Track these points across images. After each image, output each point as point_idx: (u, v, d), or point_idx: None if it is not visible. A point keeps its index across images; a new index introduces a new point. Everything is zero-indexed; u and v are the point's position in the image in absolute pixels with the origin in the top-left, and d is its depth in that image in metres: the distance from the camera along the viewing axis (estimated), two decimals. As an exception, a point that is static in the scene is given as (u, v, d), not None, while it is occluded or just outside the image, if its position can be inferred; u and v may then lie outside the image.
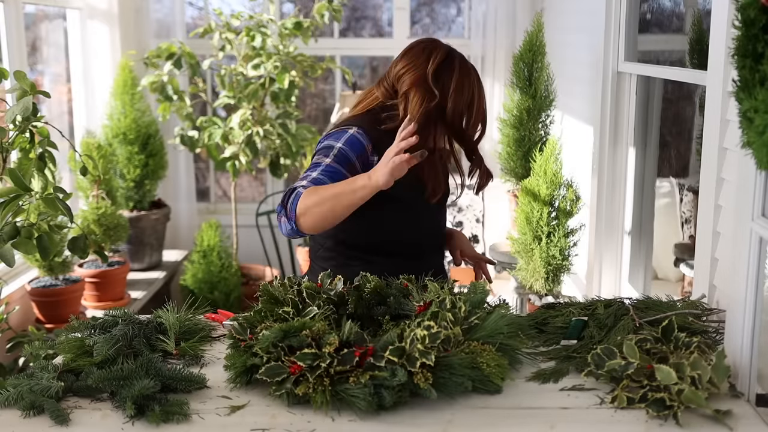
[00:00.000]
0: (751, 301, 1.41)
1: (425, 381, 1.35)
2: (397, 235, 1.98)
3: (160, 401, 1.37)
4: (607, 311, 1.71)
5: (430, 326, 1.41)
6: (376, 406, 1.34)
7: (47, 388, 1.40)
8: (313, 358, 1.38)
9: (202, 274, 4.11)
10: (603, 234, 3.08)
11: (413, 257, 1.99)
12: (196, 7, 5.07)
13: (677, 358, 1.41)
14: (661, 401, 1.33)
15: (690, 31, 2.81)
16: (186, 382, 1.45)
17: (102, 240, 3.52)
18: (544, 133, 3.26)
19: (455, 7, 5.10)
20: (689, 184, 3.42)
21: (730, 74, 1.60)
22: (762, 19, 1.14)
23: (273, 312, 1.60)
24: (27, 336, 2.81)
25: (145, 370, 1.44)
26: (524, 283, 2.99)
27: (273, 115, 4.03)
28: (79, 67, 4.12)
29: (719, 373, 1.37)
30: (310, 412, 1.36)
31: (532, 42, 3.19)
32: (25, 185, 1.75)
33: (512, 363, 1.51)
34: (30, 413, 1.37)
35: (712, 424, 1.31)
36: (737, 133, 1.22)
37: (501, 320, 1.53)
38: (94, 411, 1.39)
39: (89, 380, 1.43)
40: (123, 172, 4.03)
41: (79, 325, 1.70)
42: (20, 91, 1.85)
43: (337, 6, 3.86)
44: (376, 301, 1.69)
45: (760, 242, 1.39)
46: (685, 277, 3.23)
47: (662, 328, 1.52)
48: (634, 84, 2.93)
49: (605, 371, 1.43)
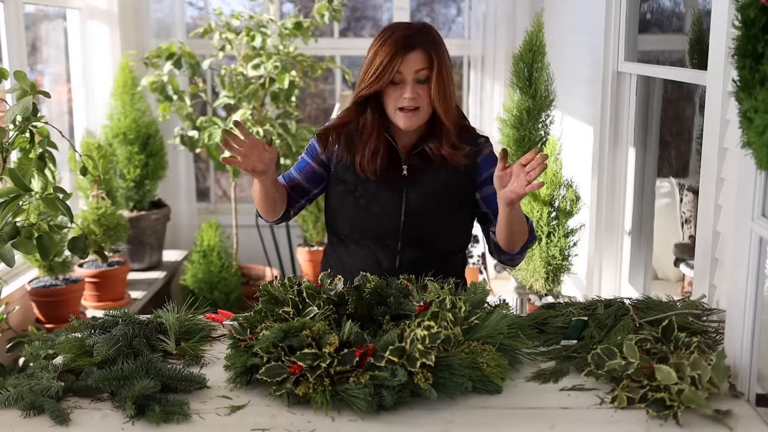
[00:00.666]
0: (751, 301, 1.41)
1: (425, 381, 1.35)
2: (356, 220, 1.98)
3: (160, 401, 1.37)
4: (608, 311, 1.71)
5: (430, 326, 1.41)
6: (377, 406, 1.34)
7: (47, 388, 1.40)
8: (313, 358, 1.38)
9: (202, 274, 4.11)
10: (603, 234, 3.08)
11: (381, 245, 1.98)
12: (196, 7, 5.07)
13: (677, 358, 1.41)
14: (661, 401, 1.33)
15: (690, 31, 2.82)
16: (186, 382, 1.45)
17: (102, 240, 3.52)
18: (544, 133, 3.26)
19: (455, 7, 5.10)
20: (689, 184, 3.42)
21: (730, 74, 1.59)
22: (762, 19, 1.14)
23: (273, 312, 1.60)
24: (27, 336, 2.81)
25: (145, 370, 1.44)
26: (524, 283, 3.00)
27: (273, 115, 4.03)
28: (79, 67, 4.12)
29: (719, 374, 1.37)
30: (311, 413, 1.36)
31: (532, 42, 3.19)
32: (25, 185, 1.75)
33: (512, 363, 1.51)
34: (30, 413, 1.37)
35: (712, 424, 1.31)
36: (737, 133, 1.22)
37: (501, 320, 1.53)
38: (95, 411, 1.39)
39: (89, 380, 1.43)
40: (123, 172, 4.03)
41: (79, 325, 1.70)
42: (20, 91, 1.85)
43: (337, 6, 3.86)
44: (377, 301, 1.68)
45: (760, 242, 1.39)
46: (685, 277, 3.23)
47: (662, 328, 1.52)
48: (634, 84, 2.93)
49: (605, 371, 1.43)
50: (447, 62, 1.92)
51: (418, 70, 1.88)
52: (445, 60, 1.92)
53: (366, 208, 1.97)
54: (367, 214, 1.97)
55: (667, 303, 1.77)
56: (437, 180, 1.98)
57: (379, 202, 1.97)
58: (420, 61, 1.88)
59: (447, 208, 1.99)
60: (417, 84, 1.89)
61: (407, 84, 1.88)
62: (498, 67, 4.51)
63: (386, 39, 1.89)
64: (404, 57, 1.87)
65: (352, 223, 2.00)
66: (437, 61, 1.89)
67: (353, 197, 1.98)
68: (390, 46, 1.88)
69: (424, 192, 1.97)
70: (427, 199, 1.97)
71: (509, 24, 4.43)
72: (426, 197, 1.97)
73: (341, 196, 1.99)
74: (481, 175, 2.01)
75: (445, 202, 1.98)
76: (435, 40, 1.92)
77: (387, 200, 1.97)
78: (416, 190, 1.97)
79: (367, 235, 1.99)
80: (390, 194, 1.97)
